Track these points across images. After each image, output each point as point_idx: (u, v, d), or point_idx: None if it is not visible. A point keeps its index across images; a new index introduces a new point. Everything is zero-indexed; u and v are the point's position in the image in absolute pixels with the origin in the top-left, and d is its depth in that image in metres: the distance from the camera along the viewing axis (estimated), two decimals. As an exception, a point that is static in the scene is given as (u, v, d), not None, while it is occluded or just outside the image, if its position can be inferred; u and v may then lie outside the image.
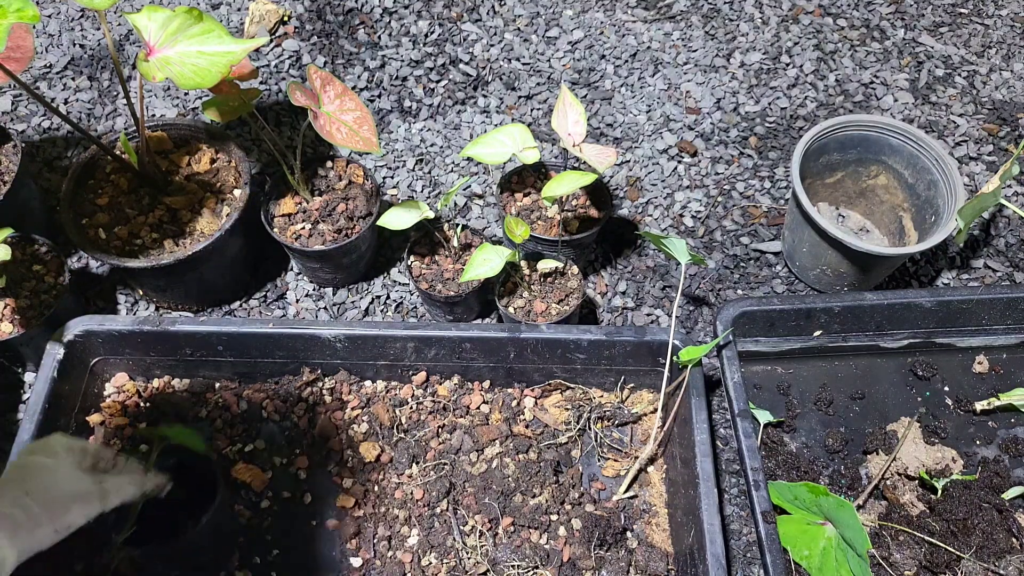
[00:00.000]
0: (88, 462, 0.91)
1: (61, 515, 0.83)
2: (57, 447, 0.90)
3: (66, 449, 0.90)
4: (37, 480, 0.85)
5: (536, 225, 1.34)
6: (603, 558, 1.11)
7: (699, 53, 1.75)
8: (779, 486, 1.13)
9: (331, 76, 1.19)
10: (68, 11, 1.77)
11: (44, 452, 0.89)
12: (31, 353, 1.27)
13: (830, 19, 1.82)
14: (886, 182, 1.42)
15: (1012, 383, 1.29)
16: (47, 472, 0.86)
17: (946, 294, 1.25)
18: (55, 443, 0.90)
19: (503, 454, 1.19)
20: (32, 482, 0.84)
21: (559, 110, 1.19)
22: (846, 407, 1.28)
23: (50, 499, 0.84)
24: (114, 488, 0.90)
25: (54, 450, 0.89)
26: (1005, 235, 1.50)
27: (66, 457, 0.89)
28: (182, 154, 1.38)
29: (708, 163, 1.59)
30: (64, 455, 0.89)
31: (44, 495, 0.83)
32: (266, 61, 1.71)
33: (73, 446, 0.91)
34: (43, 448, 0.89)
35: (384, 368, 1.24)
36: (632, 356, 1.20)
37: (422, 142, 1.61)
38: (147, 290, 1.38)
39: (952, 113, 1.66)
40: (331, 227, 1.32)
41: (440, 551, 1.11)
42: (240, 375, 1.26)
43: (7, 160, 1.36)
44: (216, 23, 1.04)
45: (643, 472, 1.20)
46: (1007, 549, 1.10)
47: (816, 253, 1.32)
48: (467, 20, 1.80)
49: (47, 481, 0.85)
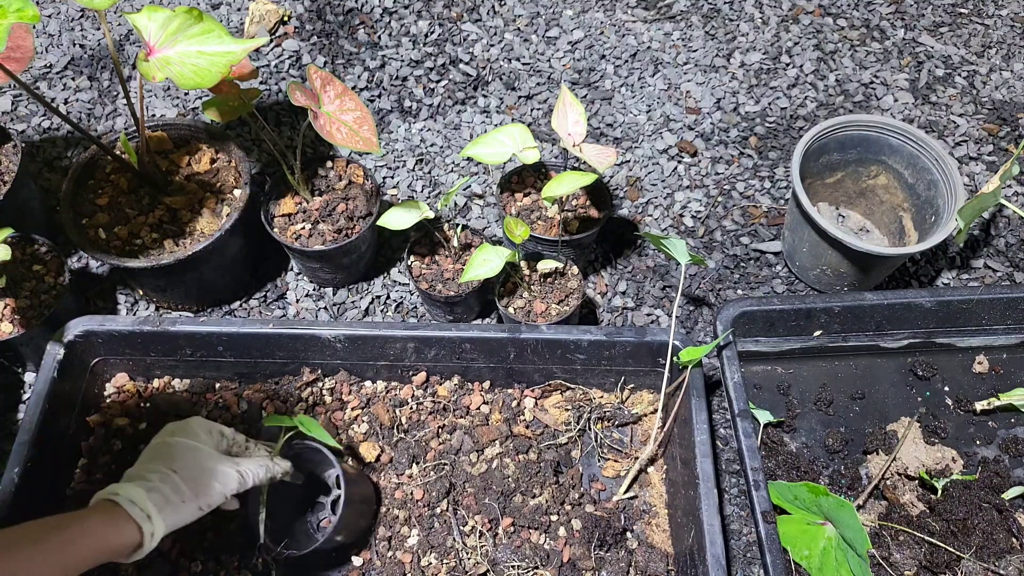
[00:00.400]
0: (224, 445, 0.98)
1: (204, 493, 0.90)
2: (198, 429, 0.96)
3: (207, 431, 0.96)
4: (182, 459, 0.91)
5: (536, 225, 1.34)
6: (603, 558, 1.11)
7: (699, 53, 1.75)
8: (779, 486, 1.13)
9: (331, 76, 1.19)
10: (68, 11, 1.77)
11: (186, 433, 0.94)
12: (31, 353, 1.27)
13: (830, 19, 1.82)
14: (886, 182, 1.42)
15: (1012, 383, 1.29)
16: (191, 452, 0.92)
17: (946, 294, 1.25)
18: (196, 425, 0.96)
19: (503, 454, 1.19)
20: (179, 461, 0.90)
21: (559, 110, 1.19)
22: (846, 407, 1.28)
23: (195, 477, 0.90)
24: (248, 470, 0.95)
25: (195, 432, 0.95)
26: (1005, 235, 1.50)
27: (207, 439, 0.95)
28: (182, 154, 1.38)
29: (708, 163, 1.59)
30: (205, 437, 0.95)
31: (189, 473, 0.90)
32: (266, 61, 1.71)
33: (212, 429, 0.98)
34: (184, 430, 0.95)
35: (384, 368, 1.24)
36: (632, 356, 1.20)
37: (422, 142, 1.61)
38: (147, 290, 1.38)
39: (952, 113, 1.65)
40: (331, 227, 1.32)
41: (440, 551, 1.11)
42: (240, 375, 1.26)
43: (7, 160, 1.36)
44: (216, 23, 1.04)
45: (643, 473, 1.20)
46: (1007, 549, 1.10)
47: (816, 253, 1.32)
48: (467, 20, 1.80)
49: (191, 460, 0.91)
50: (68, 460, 1.17)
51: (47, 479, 1.12)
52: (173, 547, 1.10)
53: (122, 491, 0.85)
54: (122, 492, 0.85)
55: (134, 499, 0.84)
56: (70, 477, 1.17)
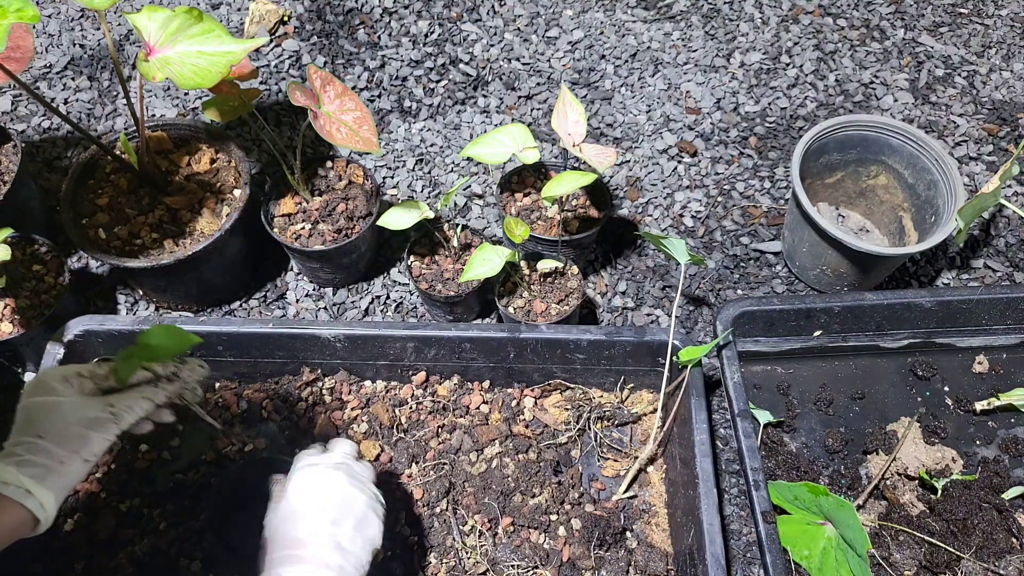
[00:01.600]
0: (90, 386, 0.89)
1: (82, 445, 0.83)
2: (52, 382, 0.86)
3: (62, 381, 0.87)
4: (44, 421, 0.83)
5: (536, 225, 1.34)
6: (603, 558, 1.11)
7: (699, 53, 1.75)
8: (779, 486, 1.13)
9: (331, 76, 1.19)
10: (68, 11, 1.77)
11: (41, 391, 0.86)
12: (31, 353, 1.27)
13: (830, 19, 1.82)
14: (886, 182, 1.42)
15: (1012, 383, 1.29)
16: (51, 409, 0.85)
17: (946, 294, 1.25)
18: (48, 378, 0.87)
19: (503, 454, 1.19)
20: (41, 424, 0.83)
21: (559, 110, 1.19)
22: (846, 407, 1.28)
23: (64, 435, 0.83)
24: (124, 407, 0.87)
25: (50, 386, 0.86)
26: (1005, 235, 1.50)
27: (65, 390, 0.87)
28: (182, 154, 1.38)
29: (708, 163, 1.59)
30: (62, 388, 0.86)
31: (57, 433, 0.82)
32: (266, 61, 1.71)
33: (67, 374, 0.88)
34: (38, 388, 0.86)
35: (384, 368, 1.24)
36: (632, 356, 1.20)
37: (422, 142, 1.61)
38: (147, 290, 1.38)
39: (952, 113, 1.66)
40: (331, 227, 1.32)
41: (439, 551, 1.11)
42: (240, 375, 1.26)
43: (7, 160, 1.36)
44: (216, 23, 1.04)
45: (643, 472, 1.20)
46: (1007, 549, 1.10)
47: (816, 253, 1.32)
48: (467, 20, 1.80)
49: (54, 418, 0.84)
50: (68, 460, 1.17)
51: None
52: (172, 546, 1.10)
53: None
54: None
55: (6, 479, 0.79)
56: (70, 477, 1.17)
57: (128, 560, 1.08)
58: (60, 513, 1.13)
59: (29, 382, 0.89)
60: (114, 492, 1.15)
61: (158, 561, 1.08)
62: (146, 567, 1.08)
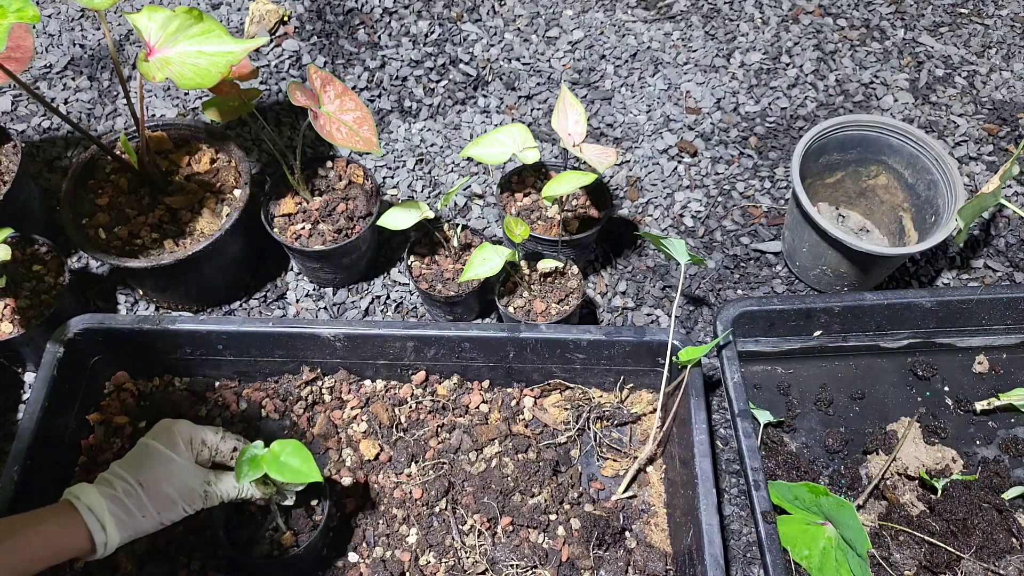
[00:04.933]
0: (206, 455, 0.98)
1: (166, 509, 0.91)
2: (179, 438, 0.95)
3: (187, 442, 0.96)
4: (153, 471, 0.91)
5: (536, 225, 1.34)
6: (602, 558, 1.11)
7: (699, 53, 1.75)
8: (779, 486, 1.13)
9: (331, 76, 1.19)
10: (68, 11, 1.78)
11: (167, 440, 0.94)
12: (31, 353, 1.27)
13: (830, 19, 1.82)
14: (886, 182, 1.42)
15: (1012, 383, 1.29)
16: (164, 463, 0.92)
17: (946, 294, 1.25)
18: (178, 433, 0.96)
19: (502, 453, 1.19)
20: (149, 472, 0.91)
21: (559, 110, 1.19)
22: (846, 407, 1.28)
23: (159, 492, 0.90)
24: (219, 491, 0.95)
25: (175, 441, 0.95)
26: (1005, 235, 1.50)
27: (184, 450, 0.95)
28: (182, 154, 1.38)
29: (708, 163, 1.59)
30: (183, 448, 0.95)
31: (156, 488, 0.90)
32: (266, 61, 1.71)
33: (195, 437, 0.97)
34: (166, 435, 0.95)
35: (383, 367, 1.24)
36: (631, 356, 1.20)
37: (422, 142, 1.61)
38: (147, 290, 1.38)
39: (952, 113, 1.65)
40: (331, 227, 1.32)
41: (439, 550, 1.11)
42: (240, 374, 1.26)
43: (7, 160, 1.36)
44: (216, 23, 1.04)
45: (642, 472, 1.20)
46: (1007, 549, 1.10)
47: (816, 253, 1.32)
48: (467, 20, 1.80)
49: (162, 473, 0.91)
50: (68, 458, 1.17)
51: (47, 477, 1.12)
52: (170, 545, 1.10)
53: (84, 496, 0.85)
54: (83, 497, 0.85)
55: (93, 507, 0.84)
56: (69, 475, 1.17)
57: (127, 558, 1.08)
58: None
59: (164, 423, 0.98)
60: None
61: (158, 559, 1.08)
62: (146, 565, 1.08)
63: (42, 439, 1.10)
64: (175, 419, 0.99)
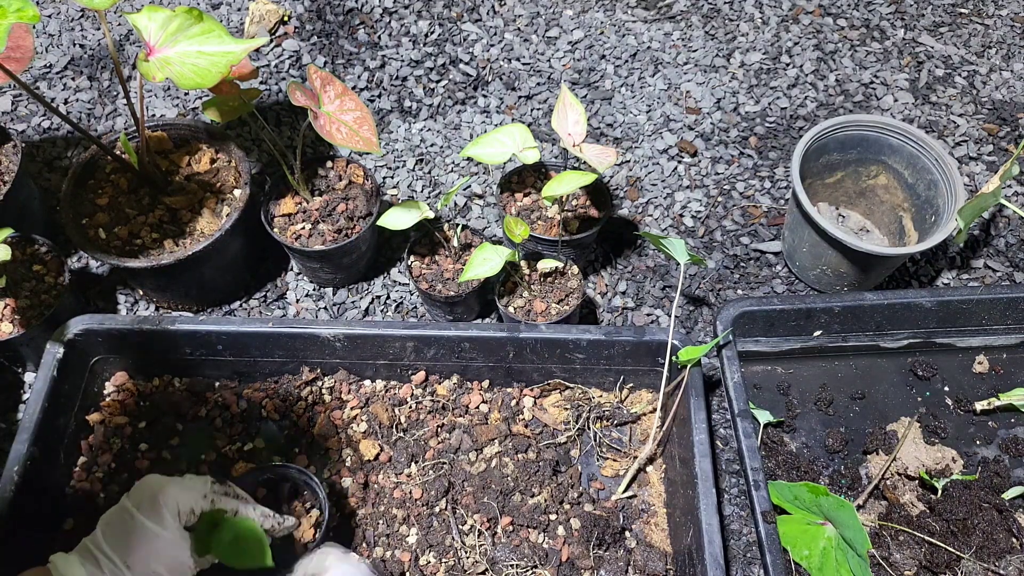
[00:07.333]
0: (194, 521, 0.91)
1: None
2: (165, 511, 0.88)
3: (174, 513, 0.89)
4: (140, 549, 0.86)
5: (536, 225, 1.34)
6: (602, 558, 1.11)
7: (699, 53, 1.75)
8: (779, 486, 1.13)
9: (331, 76, 1.19)
10: (68, 11, 1.78)
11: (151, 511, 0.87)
12: (31, 353, 1.27)
13: (830, 19, 1.82)
14: (886, 182, 1.42)
15: (1012, 383, 1.29)
16: (150, 540, 0.87)
17: (946, 294, 1.25)
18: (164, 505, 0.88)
19: (502, 453, 1.19)
20: (136, 552, 0.85)
21: (559, 110, 1.19)
22: (846, 407, 1.28)
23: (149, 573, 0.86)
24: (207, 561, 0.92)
25: (161, 515, 0.88)
26: (1005, 235, 1.50)
27: (172, 523, 0.88)
28: (182, 154, 1.38)
29: (708, 163, 1.59)
30: (170, 521, 0.88)
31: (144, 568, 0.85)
32: (266, 61, 1.71)
33: (184, 505, 0.90)
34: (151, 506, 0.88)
35: (383, 367, 1.24)
36: (631, 356, 1.20)
37: (422, 142, 1.61)
38: (147, 290, 1.38)
39: (952, 113, 1.65)
40: (331, 227, 1.32)
41: (439, 550, 1.11)
42: (240, 374, 1.26)
43: (7, 160, 1.36)
44: (216, 23, 1.04)
45: (642, 472, 1.20)
46: (1007, 549, 1.10)
47: (816, 253, 1.32)
48: (467, 20, 1.80)
49: (148, 552, 0.86)
50: (68, 458, 1.17)
51: (47, 477, 1.12)
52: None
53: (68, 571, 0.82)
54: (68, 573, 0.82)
55: None
56: (70, 475, 1.17)
57: None
58: (60, 512, 1.14)
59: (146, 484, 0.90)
60: (115, 492, 1.15)
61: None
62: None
63: (42, 439, 1.10)
64: (160, 481, 0.91)
